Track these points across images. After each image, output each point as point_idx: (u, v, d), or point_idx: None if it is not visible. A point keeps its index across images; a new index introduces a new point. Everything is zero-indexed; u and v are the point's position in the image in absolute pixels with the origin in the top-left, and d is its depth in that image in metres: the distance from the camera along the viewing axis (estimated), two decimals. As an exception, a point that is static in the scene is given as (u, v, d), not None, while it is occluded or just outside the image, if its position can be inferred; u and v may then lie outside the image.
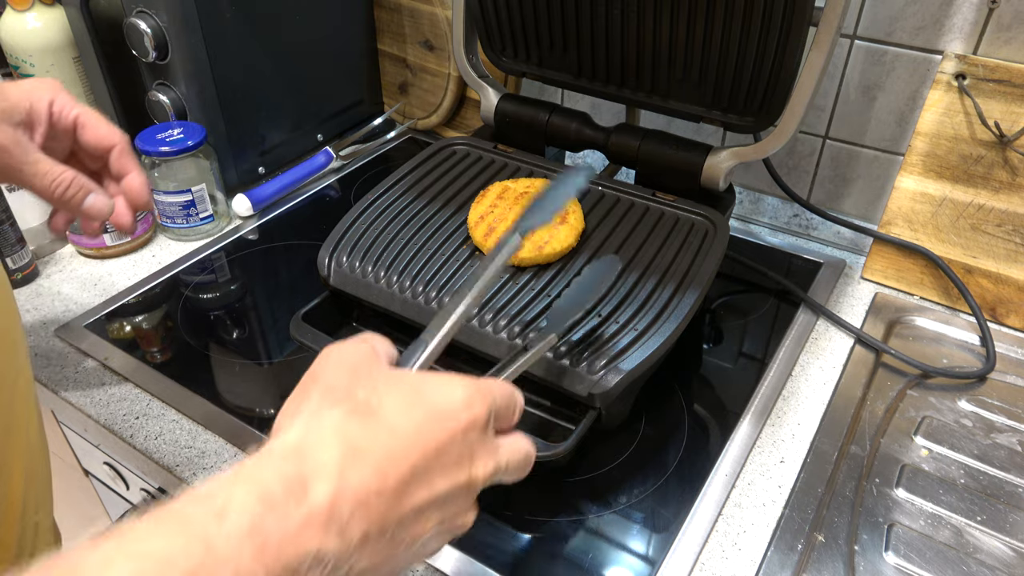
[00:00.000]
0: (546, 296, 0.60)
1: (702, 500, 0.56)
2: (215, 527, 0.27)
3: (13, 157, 0.49)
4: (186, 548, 0.26)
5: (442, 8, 0.96)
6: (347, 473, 0.30)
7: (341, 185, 0.97)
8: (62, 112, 0.53)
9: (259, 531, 0.27)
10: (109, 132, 0.54)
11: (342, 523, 0.29)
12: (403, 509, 0.32)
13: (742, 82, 0.66)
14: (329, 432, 0.31)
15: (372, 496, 0.30)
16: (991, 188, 0.72)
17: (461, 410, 0.34)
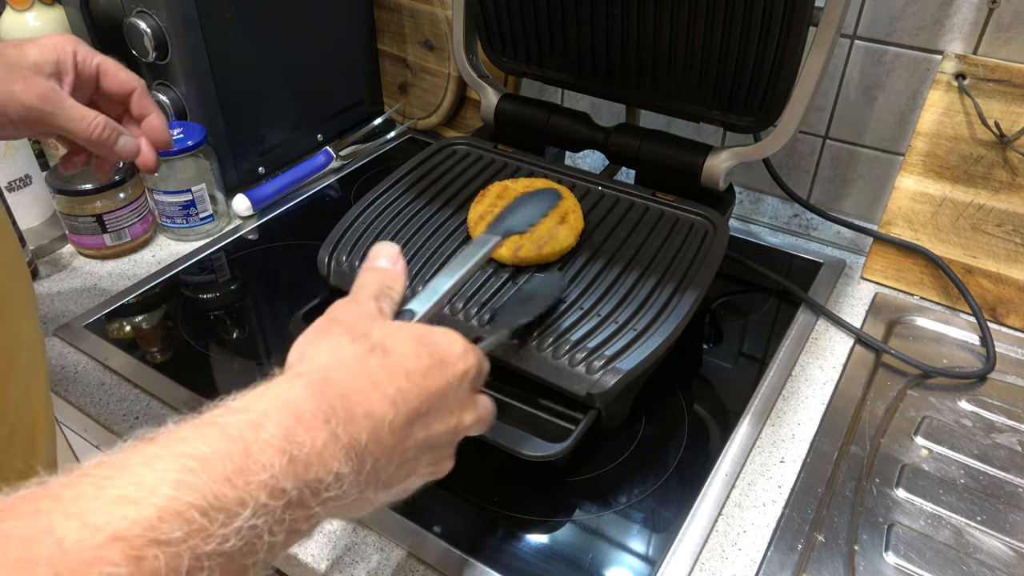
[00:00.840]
0: None
1: (702, 500, 0.56)
2: (252, 435, 0.29)
3: (51, 103, 0.52)
4: (228, 451, 0.28)
5: (442, 8, 0.96)
6: (368, 405, 0.33)
7: (341, 185, 0.97)
8: (85, 61, 0.56)
9: (290, 444, 0.29)
10: (129, 77, 0.58)
11: (359, 450, 0.32)
12: (406, 445, 0.35)
13: (742, 82, 0.66)
14: (351, 364, 0.34)
15: (385, 429, 0.33)
16: (991, 188, 0.72)
17: (459, 360, 0.38)
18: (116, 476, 0.26)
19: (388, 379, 0.34)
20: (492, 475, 0.58)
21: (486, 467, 0.59)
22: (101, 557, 0.23)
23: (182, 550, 0.25)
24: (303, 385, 0.32)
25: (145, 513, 0.25)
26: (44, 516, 0.24)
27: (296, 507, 0.29)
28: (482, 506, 0.56)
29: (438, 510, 0.56)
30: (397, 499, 0.38)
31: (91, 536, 0.24)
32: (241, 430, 0.29)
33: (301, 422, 0.30)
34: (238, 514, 0.27)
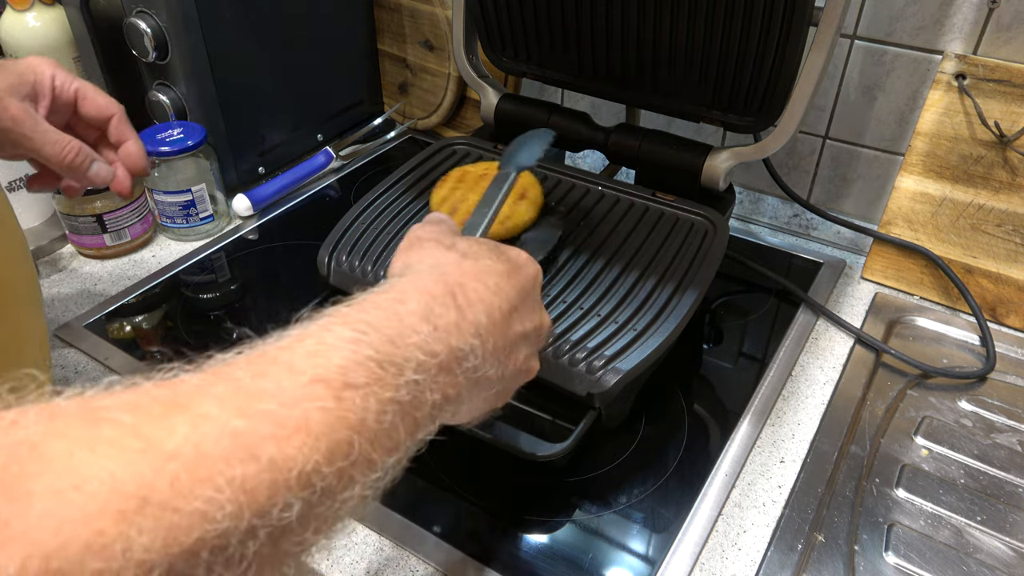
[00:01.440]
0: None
1: (702, 500, 0.56)
2: (401, 308, 0.33)
3: (25, 127, 0.53)
4: (386, 318, 0.32)
5: (442, 8, 0.96)
6: (478, 293, 0.38)
7: (341, 185, 0.97)
8: (64, 86, 0.56)
9: (432, 315, 0.34)
10: (107, 103, 0.58)
11: (481, 328, 0.36)
12: (510, 334, 0.39)
13: (742, 82, 0.66)
14: (455, 264, 0.40)
15: (496, 313, 0.38)
16: (991, 188, 0.72)
17: (528, 264, 0.43)
18: (303, 340, 0.30)
19: (486, 275, 0.39)
20: (492, 475, 0.58)
21: (486, 467, 0.59)
22: (311, 393, 0.27)
23: (368, 393, 0.29)
24: (427, 274, 0.38)
25: (335, 362, 0.29)
26: (258, 365, 0.28)
27: (446, 371, 0.34)
28: (482, 506, 0.56)
29: (438, 510, 0.56)
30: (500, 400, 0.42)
31: (298, 378, 0.28)
32: (390, 304, 0.34)
33: (435, 300, 0.35)
34: (404, 367, 0.31)
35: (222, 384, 0.27)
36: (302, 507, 0.26)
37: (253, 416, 0.26)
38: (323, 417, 0.27)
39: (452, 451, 0.60)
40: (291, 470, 0.25)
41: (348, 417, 0.28)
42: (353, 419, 0.28)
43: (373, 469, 0.29)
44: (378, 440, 0.29)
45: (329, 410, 0.27)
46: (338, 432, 0.27)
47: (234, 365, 0.29)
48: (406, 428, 0.31)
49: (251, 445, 0.25)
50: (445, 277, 0.38)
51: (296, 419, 0.26)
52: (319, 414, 0.27)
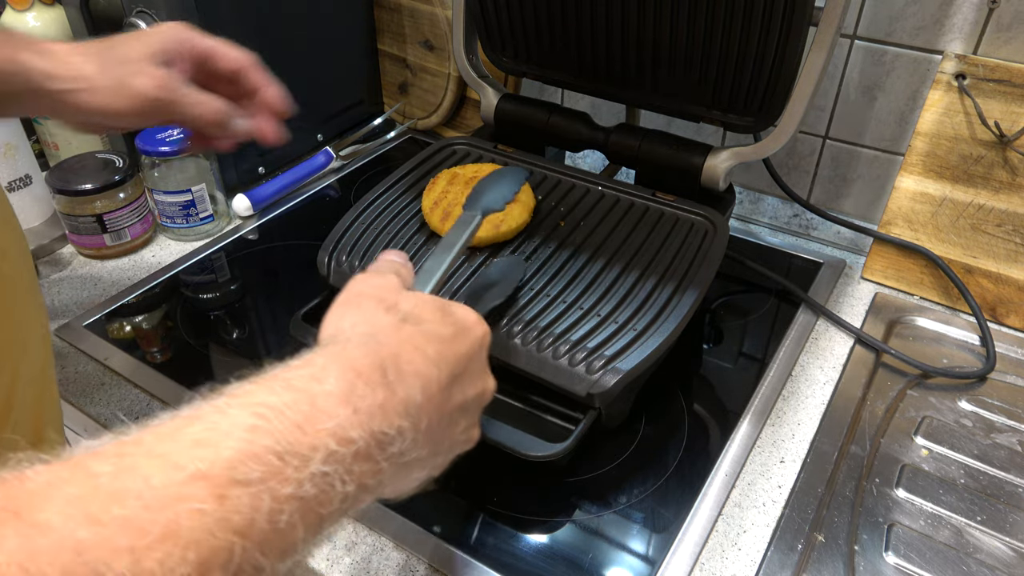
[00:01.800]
0: (529, 290, 0.61)
1: (702, 500, 0.56)
2: (316, 387, 0.30)
3: (170, 92, 0.53)
4: (295, 401, 0.29)
5: (442, 8, 0.96)
6: (415, 365, 0.34)
7: (341, 185, 0.97)
8: (196, 45, 0.56)
9: (353, 396, 0.30)
10: (238, 55, 0.58)
11: (415, 407, 0.33)
12: (449, 406, 0.36)
13: (742, 82, 0.66)
14: (391, 330, 0.36)
15: (433, 387, 0.35)
16: (991, 188, 0.72)
17: (475, 326, 0.40)
18: (192, 423, 0.27)
19: (427, 342, 0.36)
20: (492, 475, 0.58)
21: (486, 467, 0.58)
22: (187, 494, 0.24)
23: (262, 491, 0.26)
24: (356, 345, 0.34)
25: (224, 455, 0.25)
26: (129, 458, 0.25)
27: (364, 459, 0.30)
28: (482, 506, 0.56)
29: (438, 510, 0.56)
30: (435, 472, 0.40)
31: (175, 474, 0.24)
32: (305, 383, 0.30)
33: (360, 376, 0.31)
34: (311, 459, 0.27)
35: (76, 482, 0.24)
36: None
37: (106, 524, 0.22)
38: (198, 521, 0.24)
39: (452, 451, 0.60)
40: None
41: (232, 519, 0.25)
42: (238, 521, 0.25)
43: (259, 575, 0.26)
44: (269, 543, 0.26)
45: (207, 513, 0.24)
46: (216, 538, 0.24)
47: (99, 455, 0.25)
48: (307, 527, 0.27)
49: (97, 561, 0.22)
50: (379, 348, 0.34)
51: (162, 525, 0.23)
52: (193, 518, 0.24)
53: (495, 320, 0.59)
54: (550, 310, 0.59)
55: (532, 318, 0.58)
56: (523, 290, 0.61)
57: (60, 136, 0.91)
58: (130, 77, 0.52)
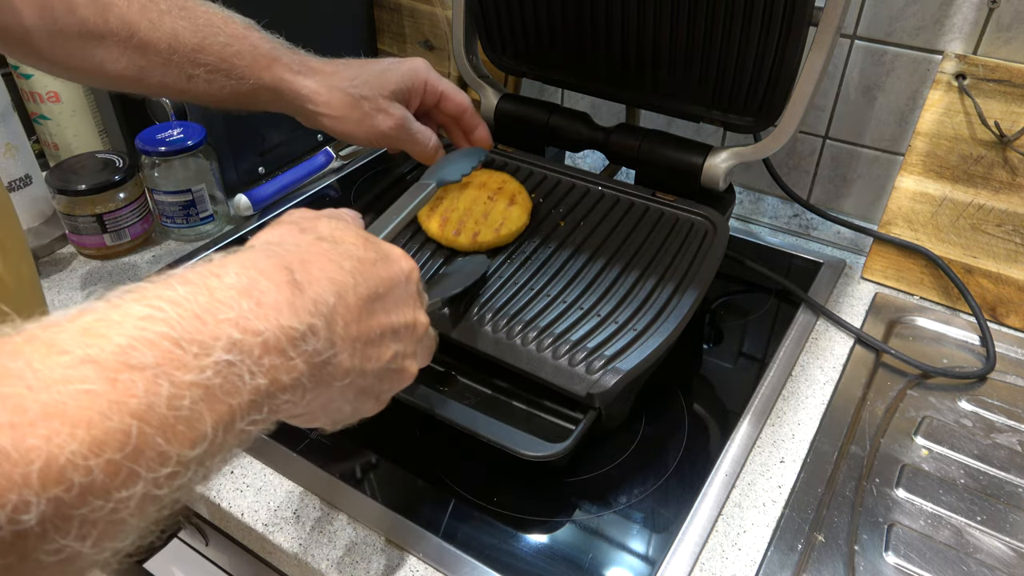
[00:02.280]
0: (529, 290, 0.61)
1: (702, 500, 0.56)
2: (215, 281, 0.29)
3: (403, 131, 0.64)
4: (193, 293, 0.28)
5: (442, 8, 0.96)
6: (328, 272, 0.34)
7: (341, 185, 0.97)
8: (433, 88, 0.68)
9: (255, 291, 0.30)
10: (463, 100, 0.70)
11: (328, 308, 0.32)
12: (371, 323, 0.36)
13: (742, 82, 0.66)
14: (305, 244, 0.35)
15: (350, 295, 0.34)
16: (991, 188, 0.72)
17: (401, 259, 0.40)
18: (83, 315, 0.26)
19: (342, 258, 0.36)
20: (492, 475, 0.58)
21: (486, 467, 0.59)
22: (74, 375, 0.24)
23: (158, 374, 0.25)
24: (258, 249, 0.33)
25: (115, 340, 0.25)
26: (10, 344, 0.24)
27: (275, 352, 0.29)
28: (482, 506, 0.56)
29: (438, 510, 0.56)
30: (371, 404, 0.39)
31: (60, 357, 0.24)
32: (203, 277, 0.29)
33: (263, 273, 0.31)
34: (212, 346, 0.27)
35: None
36: (49, 506, 0.22)
37: None
38: (87, 402, 0.23)
39: (452, 451, 0.60)
40: (32, 463, 0.22)
41: (127, 403, 0.24)
42: (134, 405, 0.24)
43: (165, 463, 0.25)
44: (172, 430, 0.25)
45: (98, 394, 0.24)
46: (110, 420, 0.23)
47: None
48: (216, 417, 0.27)
49: None
50: (285, 252, 0.33)
51: (45, 404, 0.23)
52: (81, 398, 0.23)
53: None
54: (550, 310, 0.59)
55: (532, 318, 0.58)
56: (523, 290, 0.61)
57: (60, 136, 0.91)
58: (374, 115, 0.62)
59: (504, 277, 0.62)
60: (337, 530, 0.55)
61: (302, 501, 0.57)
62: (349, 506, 0.56)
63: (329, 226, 0.38)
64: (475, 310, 0.59)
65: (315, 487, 0.57)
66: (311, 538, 0.54)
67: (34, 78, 0.87)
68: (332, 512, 0.56)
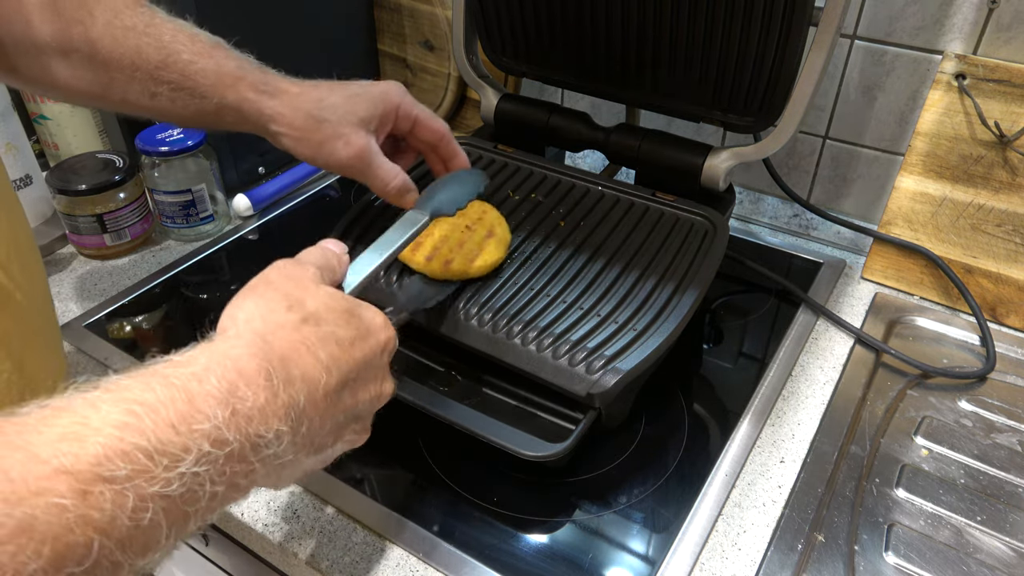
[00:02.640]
0: (529, 290, 0.61)
1: (702, 500, 0.56)
2: (196, 386, 0.30)
3: (362, 162, 0.58)
4: (171, 399, 0.28)
5: (442, 8, 0.96)
6: (304, 368, 0.35)
7: (341, 185, 0.97)
8: (407, 115, 0.61)
9: (233, 398, 0.30)
10: (439, 126, 0.63)
11: (297, 411, 0.34)
12: (336, 410, 0.37)
13: (742, 82, 0.66)
14: (287, 330, 0.36)
15: (320, 392, 0.35)
16: (991, 188, 0.72)
17: (380, 331, 0.41)
18: (60, 416, 0.26)
19: (321, 346, 0.36)
20: (492, 475, 0.58)
21: (486, 467, 0.59)
22: (48, 488, 0.24)
23: (127, 488, 0.25)
24: (244, 345, 0.34)
25: (91, 450, 0.25)
26: None
27: (237, 460, 0.30)
28: (482, 506, 0.56)
29: (438, 510, 0.56)
30: (318, 467, 0.40)
31: (37, 468, 0.24)
32: (185, 381, 0.30)
33: (243, 377, 0.31)
34: (182, 459, 0.27)
35: None
36: None
37: None
38: (57, 517, 0.24)
39: (452, 451, 0.60)
40: None
41: (92, 516, 0.24)
42: (99, 518, 0.25)
43: (117, 572, 0.26)
44: (130, 540, 0.26)
45: (67, 508, 0.24)
46: (74, 534, 0.24)
47: None
48: (172, 524, 0.27)
49: None
50: (268, 349, 0.34)
51: (18, 520, 0.23)
52: (51, 512, 0.24)
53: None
54: (550, 310, 0.59)
55: (532, 318, 0.58)
56: (523, 290, 0.61)
57: (60, 136, 0.91)
58: (334, 140, 0.57)
59: (504, 277, 0.62)
60: (337, 530, 0.55)
61: (302, 501, 0.57)
62: (349, 506, 0.56)
63: (316, 301, 0.39)
64: (475, 310, 0.59)
65: (315, 487, 0.57)
66: (311, 538, 0.54)
67: (34, 78, 0.87)
68: (332, 512, 0.56)
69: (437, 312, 0.60)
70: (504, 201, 0.71)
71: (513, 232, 0.66)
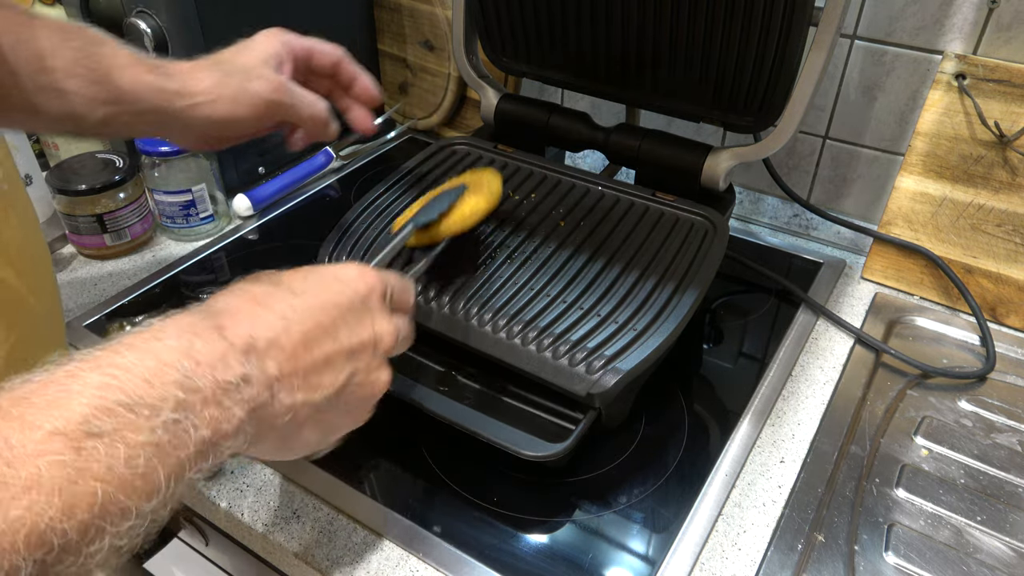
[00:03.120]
0: (529, 290, 0.61)
1: (702, 500, 0.56)
2: (158, 345, 0.32)
3: (285, 94, 0.57)
4: (140, 359, 0.31)
5: (442, 8, 0.96)
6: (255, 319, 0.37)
7: (341, 185, 0.97)
8: (297, 47, 0.60)
9: (192, 351, 0.33)
10: (332, 49, 0.62)
11: (260, 354, 0.36)
12: (313, 355, 0.38)
13: (742, 82, 0.66)
14: (237, 294, 0.39)
15: (282, 337, 0.37)
16: (991, 188, 0.72)
17: (356, 279, 0.42)
18: (46, 388, 0.29)
19: (274, 299, 0.38)
20: (492, 475, 0.58)
21: (486, 467, 0.59)
22: (45, 449, 0.27)
23: (115, 440, 0.28)
24: (192, 312, 0.37)
25: (77, 411, 0.28)
26: None
27: (213, 405, 0.32)
28: (482, 506, 0.56)
29: (438, 510, 0.56)
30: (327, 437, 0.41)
31: (32, 433, 0.27)
32: (147, 342, 0.32)
33: (198, 335, 0.34)
34: (160, 408, 0.30)
35: None
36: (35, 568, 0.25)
37: None
38: (59, 471, 0.26)
39: (452, 451, 0.60)
40: (18, 532, 0.25)
41: (91, 467, 0.27)
42: (97, 468, 0.27)
43: (127, 516, 0.29)
44: (130, 486, 0.28)
45: (66, 463, 0.27)
46: (78, 485, 0.27)
47: None
48: (168, 469, 0.30)
49: None
50: (215, 315, 0.36)
51: (24, 478, 0.26)
52: (53, 468, 0.26)
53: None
54: (550, 310, 0.59)
55: (532, 318, 0.58)
56: (523, 290, 0.61)
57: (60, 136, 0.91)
58: (247, 83, 0.55)
59: (504, 277, 0.62)
60: (337, 530, 0.55)
61: (302, 501, 0.57)
62: (349, 506, 0.56)
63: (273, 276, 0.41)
64: (475, 310, 0.59)
65: (315, 487, 0.57)
66: (311, 538, 0.54)
67: (34, 78, 0.87)
68: (332, 512, 0.56)
69: (437, 312, 0.60)
70: (504, 201, 0.71)
71: (513, 232, 0.66)
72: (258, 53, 0.58)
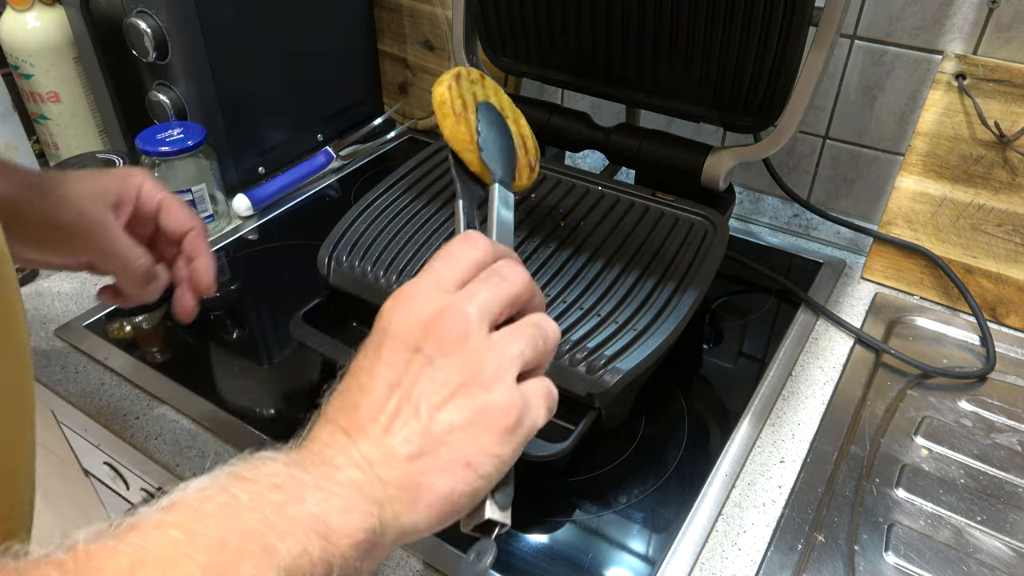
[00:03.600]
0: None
1: (702, 500, 0.56)
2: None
3: (103, 235, 0.52)
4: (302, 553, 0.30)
5: (442, 8, 0.96)
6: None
7: (341, 185, 0.97)
8: (149, 197, 0.55)
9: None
10: (188, 216, 0.57)
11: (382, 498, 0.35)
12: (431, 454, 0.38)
13: (742, 82, 0.66)
14: (395, 465, 0.36)
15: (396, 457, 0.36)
16: (991, 188, 0.72)
17: (512, 410, 0.39)
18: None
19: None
20: (492, 475, 0.58)
21: (486, 467, 0.58)
22: None
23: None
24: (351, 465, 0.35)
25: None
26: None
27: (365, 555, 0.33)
28: (482, 506, 0.56)
29: (438, 510, 0.56)
30: (483, 468, 0.39)
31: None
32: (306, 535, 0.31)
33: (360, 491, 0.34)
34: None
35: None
36: None
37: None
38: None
39: (452, 451, 0.60)
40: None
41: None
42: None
43: None
44: None
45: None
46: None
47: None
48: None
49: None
50: (375, 477, 0.35)
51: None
52: None
53: None
54: (550, 310, 0.59)
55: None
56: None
57: (60, 136, 0.91)
58: (60, 209, 0.50)
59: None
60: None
61: (302, 501, 0.56)
62: (349, 506, 0.56)
63: (437, 352, 0.37)
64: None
65: (315, 487, 0.57)
66: (311, 538, 0.54)
67: (34, 78, 0.87)
68: (332, 512, 0.56)
69: None
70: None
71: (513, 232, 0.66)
72: (98, 185, 0.53)
